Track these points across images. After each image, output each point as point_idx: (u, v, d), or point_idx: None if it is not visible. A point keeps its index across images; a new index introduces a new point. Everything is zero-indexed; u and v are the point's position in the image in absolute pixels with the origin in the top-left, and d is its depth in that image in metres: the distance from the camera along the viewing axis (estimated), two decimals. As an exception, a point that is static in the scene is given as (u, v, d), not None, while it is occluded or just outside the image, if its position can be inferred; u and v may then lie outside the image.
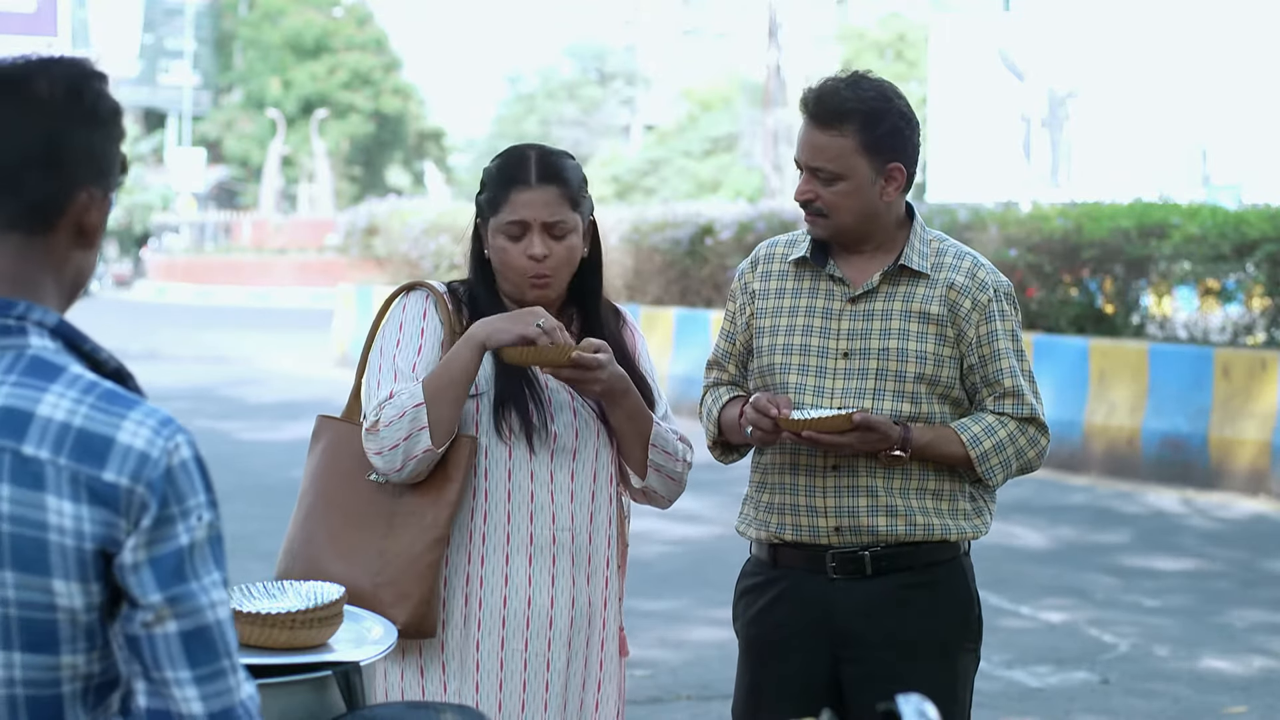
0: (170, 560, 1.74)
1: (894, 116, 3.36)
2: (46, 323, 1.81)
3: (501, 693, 3.20)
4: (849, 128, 3.32)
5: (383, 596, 3.10)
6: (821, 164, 3.34)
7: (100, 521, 1.73)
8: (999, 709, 6.40)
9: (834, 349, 3.42)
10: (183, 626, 1.74)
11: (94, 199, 1.84)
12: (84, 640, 1.76)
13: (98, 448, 1.74)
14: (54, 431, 1.74)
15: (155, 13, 54.39)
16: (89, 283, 1.90)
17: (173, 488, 1.75)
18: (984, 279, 3.42)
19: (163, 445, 1.75)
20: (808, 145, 3.38)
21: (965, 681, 3.48)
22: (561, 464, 3.24)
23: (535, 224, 3.21)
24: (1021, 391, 3.42)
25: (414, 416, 3.10)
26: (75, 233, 1.84)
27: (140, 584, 1.73)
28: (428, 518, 3.15)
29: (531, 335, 3.09)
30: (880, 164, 3.35)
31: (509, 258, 3.23)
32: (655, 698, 6.48)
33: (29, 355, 1.78)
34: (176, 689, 1.74)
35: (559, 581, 3.23)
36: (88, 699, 1.78)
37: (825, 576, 3.41)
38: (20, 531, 1.73)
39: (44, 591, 1.73)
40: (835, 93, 3.35)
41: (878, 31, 50.68)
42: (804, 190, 3.38)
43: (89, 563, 1.73)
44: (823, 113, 3.34)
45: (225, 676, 1.76)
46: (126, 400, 1.78)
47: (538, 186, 3.22)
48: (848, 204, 3.36)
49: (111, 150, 1.86)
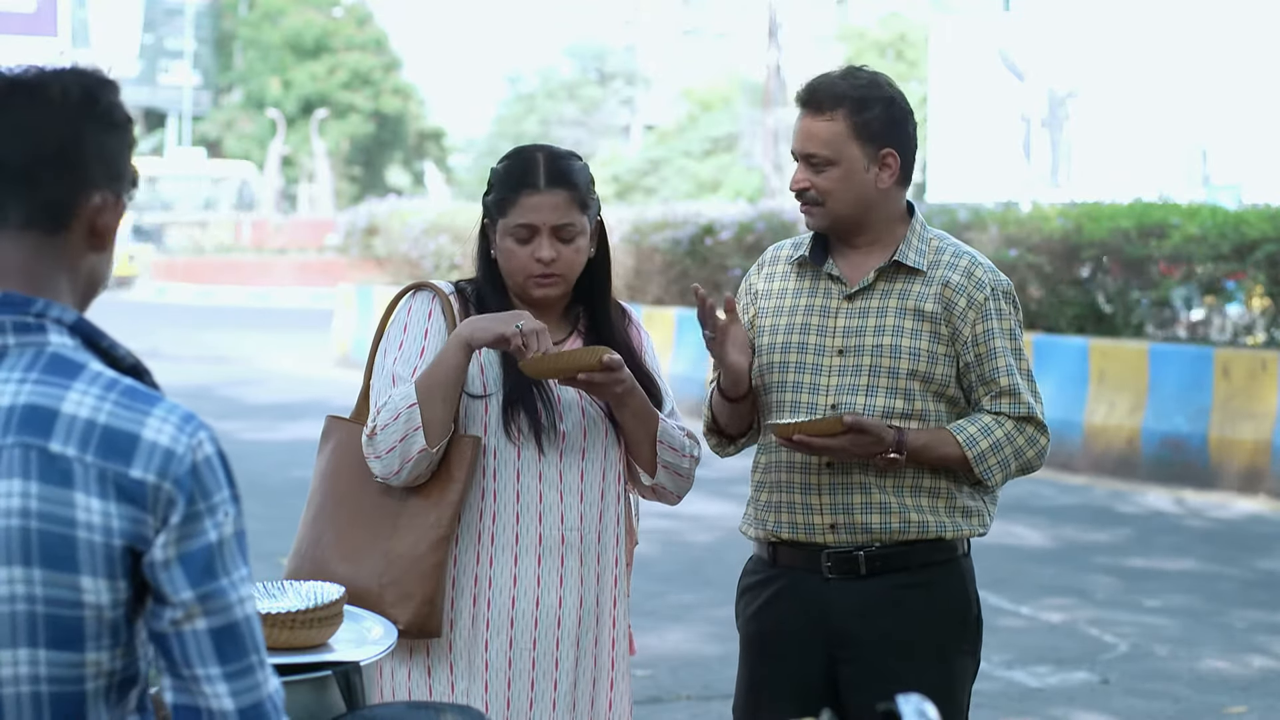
0: (200, 557, 1.75)
1: (884, 102, 3.38)
2: (65, 320, 1.82)
3: (510, 692, 3.20)
4: (839, 112, 3.35)
5: (386, 597, 3.11)
6: (814, 149, 3.37)
7: (128, 518, 1.74)
8: (999, 709, 6.40)
9: (830, 346, 3.42)
10: (213, 624, 1.76)
11: (106, 202, 1.86)
12: (109, 637, 1.77)
13: (124, 445, 1.75)
14: (80, 429, 1.75)
15: (155, 13, 54.35)
16: (104, 285, 1.91)
17: (199, 484, 1.76)
18: (981, 277, 3.43)
19: (187, 442, 1.77)
20: (801, 133, 3.41)
21: (963, 683, 3.48)
22: (571, 463, 3.24)
23: (544, 228, 3.21)
24: (1018, 390, 3.42)
25: (408, 417, 3.10)
26: (88, 233, 1.85)
27: (171, 581, 1.75)
28: (431, 518, 3.15)
29: (508, 334, 3.09)
30: (873, 150, 3.36)
31: (516, 260, 3.23)
32: (655, 698, 6.48)
33: (49, 352, 1.79)
34: (207, 685, 1.76)
35: (568, 581, 3.23)
36: (110, 696, 1.79)
37: (821, 576, 3.41)
38: (49, 529, 1.74)
39: (72, 589, 1.74)
40: (827, 80, 3.40)
41: (878, 31, 50.66)
42: (798, 179, 3.41)
43: (116, 559, 1.74)
44: (815, 99, 3.38)
45: (254, 672, 1.78)
46: (148, 397, 1.79)
47: (546, 190, 3.22)
48: (841, 189, 3.37)
49: (124, 156, 1.87)
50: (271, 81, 52.62)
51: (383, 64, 54.14)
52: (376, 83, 53.25)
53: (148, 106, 54.61)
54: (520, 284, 3.26)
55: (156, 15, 54.58)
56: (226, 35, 56.15)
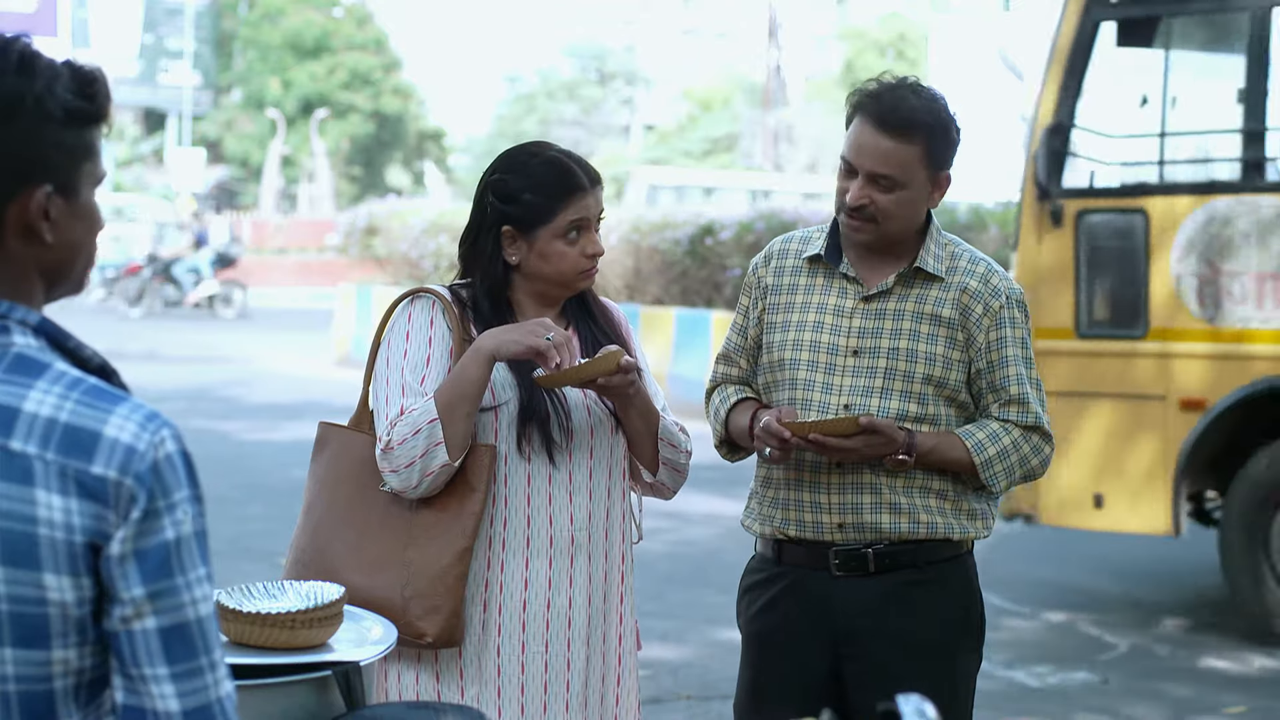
0: (156, 554, 1.74)
1: (955, 129, 3.38)
2: (29, 321, 1.81)
3: (524, 697, 3.18)
4: (918, 137, 3.31)
5: (412, 609, 3.08)
6: (887, 171, 3.32)
7: (90, 515, 1.73)
8: (999, 709, 6.39)
9: (844, 347, 3.41)
10: (162, 622, 1.74)
11: (27, 196, 1.79)
12: (75, 635, 1.76)
13: (85, 442, 1.74)
14: (41, 426, 1.74)
15: (155, 13, 54.30)
16: (76, 275, 1.87)
17: (159, 481, 1.75)
18: (997, 285, 3.42)
19: (149, 439, 1.75)
20: (872, 151, 3.32)
21: (967, 681, 3.48)
22: (580, 463, 3.23)
23: (594, 220, 3.24)
24: (1027, 400, 3.42)
25: (429, 433, 3.07)
26: (22, 234, 1.81)
27: (125, 577, 1.73)
28: (454, 529, 3.13)
29: (541, 348, 3.07)
30: (935, 173, 3.36)
31: (568, 260, 3.22)
32: (655, 698, 6.49)
33: (13, 353, 1.79)
34: (154, 685, 1.74)
35: (577, 581, 3.22)
36: (80, 695, 1.78)
37: (828, 574, 3.41)
38: (10, 526, 1.73)
39: (35, 586, 1.73)
40: (904, 100, 3.32)
41: (878, 31, 50.70)
42: (859, 196, 3.34)
43: (79, 556, 1.74)
44: (893, 120, 3.31)
45: (203, 674, 1.75)
46: (112, 396, 1.78)
47: (593, 190, 3.24)
48: (904, 212, 3.36)
49: (35, 138, 1.79)
50: (271, 81, 52.61)
51: (383, 64, 54.12)
52: (376, 83, 53.23)
53: (148, 106, 54.62)
54: (569, 280, 3.24)
55: (156, 15, 54.56)
56: (226, 35, 56.13)
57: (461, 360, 3.13)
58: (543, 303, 3.28)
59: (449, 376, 3.13)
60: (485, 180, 3.27)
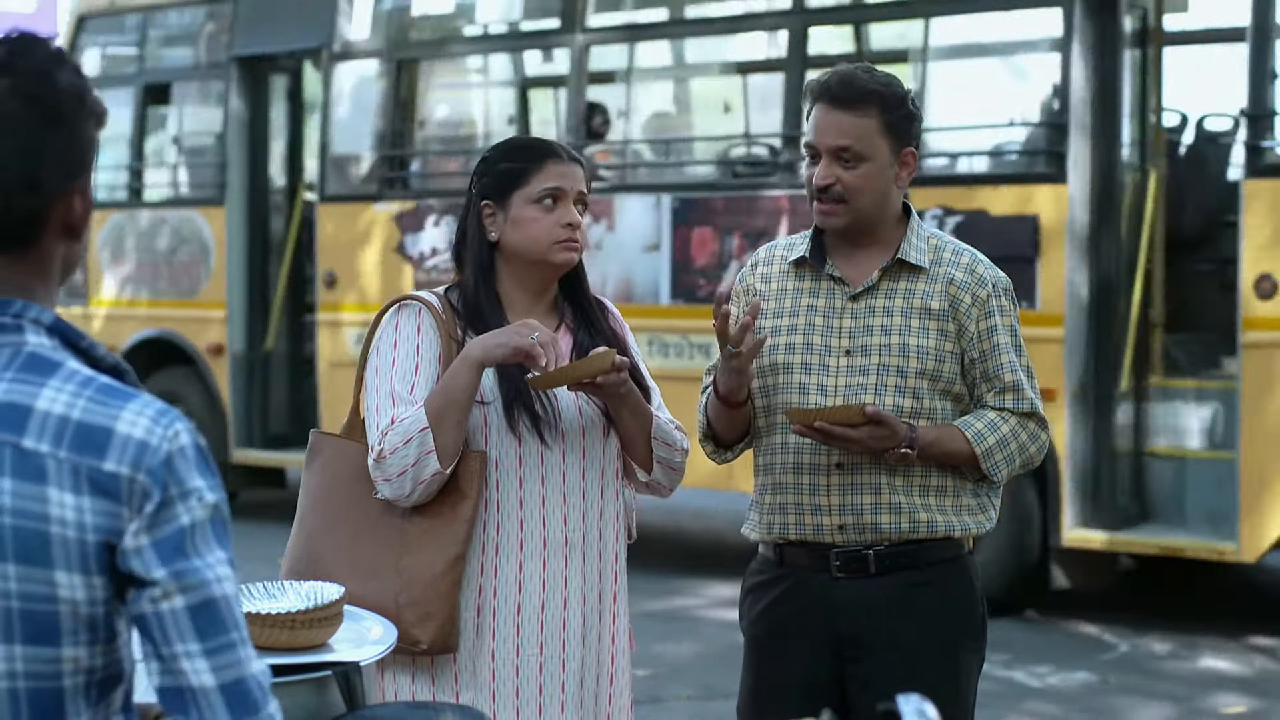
0: (172, 539, 1.74)
1: (908, 101, 3.40)
2: (43, 321, 1.81)
3: (519, 700, 3.18)
4: (872, 108, 3.34)
5: (406, 616, 3.08)
6: (847, 143, 3.34)
7: (103, 513, 1.73)
8: (999, 709, 6.40)
9: (836, 347, 3.42)
10: (189, 601, 1.74)
11: (74, 194, 1.83)
12: (86, 633, 1.76)
13: (97, 439, 1.74)
14: (53, 425, 1.75)
15: (155, 13, 54.49)
16: (78, 264, 1.90)
17: (172, 475, 1.75)
18: (983, 274, 3.43)
19: (161, 433, 1.76)
20: (831, 127, 3.36)
21: (969, 681, 3.48)
22: (572, 463, 3.23)
23: (570, 192, 3.22)
24: (1021, 386, 3.43)
25: (420, 441, 3.07)
26: (63, 231, 1.84)
27: (144, 563, 1.74)
28: (446, 535, 3.13)
29: (526, 347, 3.06)
30: (897, 148, 3.37)
31: (540, 226, 3.20)
32: (655, 698, 6.49)
33: (26, 352, 1.79)
34: (187, 662, 1.74)
35: (571, 582, 3.22)
36: (90, 694, 1.78)
37: (829, 575, 3.41)
38: (22, 524, 1.73)
39: (46, 584, 1.74)
40: (855, 76, 3.38)
41: (877, 31, 50.67)
42: (825, 175, 3.37)
43: (91, 555, 1.74)
44: (847, 94, 3.35)
45: (235, 649, 1.76)
46: (124, 393, 1.78)
47: (569, 163, 3.25)
48: (869, 186, 3.37)
49: (84, 137, 1.83)
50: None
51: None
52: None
53: (147, 107, 54.66)
54: (544, 251, 3.21)
55: (156, 15, 54.62)
56: (226, 35, 56.18)
57: (450, 368, 3.13)
58: (529, 290, 3.26)
59: (438, 385, 3.13)
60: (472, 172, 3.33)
